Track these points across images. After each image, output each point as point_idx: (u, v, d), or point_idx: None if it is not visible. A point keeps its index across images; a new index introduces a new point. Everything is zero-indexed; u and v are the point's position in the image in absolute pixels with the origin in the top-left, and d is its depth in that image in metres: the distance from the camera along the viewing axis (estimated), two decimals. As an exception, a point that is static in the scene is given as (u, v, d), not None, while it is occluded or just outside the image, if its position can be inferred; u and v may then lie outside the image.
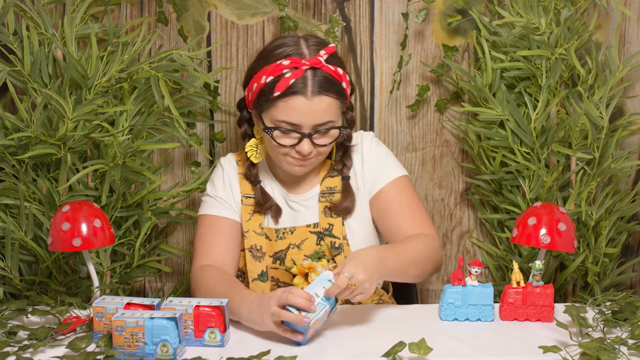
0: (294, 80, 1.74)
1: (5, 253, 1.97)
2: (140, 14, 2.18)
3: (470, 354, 1.52)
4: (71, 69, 1.93)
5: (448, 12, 2.16)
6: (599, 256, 2.11)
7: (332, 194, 1.88)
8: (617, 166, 2.06)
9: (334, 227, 1.86)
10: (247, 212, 1.89)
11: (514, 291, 1.69)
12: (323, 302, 1.56)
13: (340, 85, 1.78)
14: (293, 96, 1.74)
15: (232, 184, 1.92)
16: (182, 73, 2.13)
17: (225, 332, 1.57)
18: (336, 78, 1.77)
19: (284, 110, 1.75)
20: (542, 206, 1.74)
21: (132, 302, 1.57)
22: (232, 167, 1.94)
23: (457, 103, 2.19)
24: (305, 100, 1.74)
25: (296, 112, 1.75)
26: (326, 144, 1.80)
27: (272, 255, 1.88)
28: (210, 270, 1.81)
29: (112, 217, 2.05)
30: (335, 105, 1.78)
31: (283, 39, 1.82)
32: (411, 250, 1.77)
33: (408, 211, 1.87)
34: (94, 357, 1.44)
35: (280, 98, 1.75)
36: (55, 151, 1.92)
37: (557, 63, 2.00)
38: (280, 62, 1.76)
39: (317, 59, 1.76)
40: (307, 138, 1.77)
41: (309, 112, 1.75)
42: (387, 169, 1.89)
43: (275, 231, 1.89)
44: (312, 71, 1.75)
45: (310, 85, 1.74)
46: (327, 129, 1.77)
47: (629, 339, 1.53)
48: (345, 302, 1.84)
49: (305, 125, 1.76)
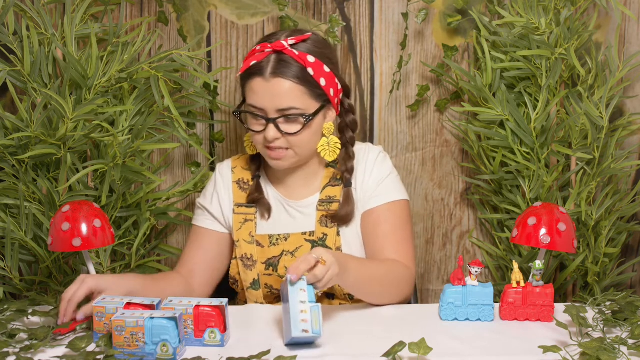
0: (255, 62, 1.77)
1: (5, 253, 1.97)
2: (140, 14, 2.18)
3: (470, 354, 1.52)
4: (71, 69, 1.93)
5: (448, 12, 2.16)
6: (599, 256, 2.11)
7: (330, 203, 1.86)
8: (617, 166, 2.06)
9: (328, 237, 1.84)
10: (238, 222, 1.89)
11: (514, 291, 1.70)
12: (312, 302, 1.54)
13: (305, 71, 1.76)
14: (252, 78, 1.77)
15: (223, 195, 1.92)
16: (182, 73, 2.13)
17: (225, 332, 1.57)
18: (300, 62, 1.76)
19: (248, 93, 1.79)
20: (542, 206, 1.74)
21: (132, 302, 1.57)
22: (226, 176, 1.94)
23: (457, 103, 2.19)
24: (263, 82, 1.76)
25: (256, 94, 1.77)
26: (294, 133, 1.77)
27: (264, 262, 1.86)
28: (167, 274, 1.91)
29: (112, 217, 2.05)
30: (298, 91, 1.76)
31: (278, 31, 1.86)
32: (378, 268, 1.75)
33: (393, 237, 1.83)
34: (94, 357, 1.44)
35: (244, 80, 1.79)
36: (55, 151, 1.92)
37: (557, 63, 2.00)
38: (254, 48, 1.80)
39: (281, 43, 1.77)
40: (271, 123, 1.77)
41: (268, 95, 1.75)
42: (386, 190, 1.87)
43: (268, 237, 1.87)
44: (276, 55, 1.76)
45: (269, 68, 1.75)
46: (292, 115, 1.77)
47: (629, 339, 1.53)
48: (346, 302, 1.84)
49: (268, 109, 1.76)
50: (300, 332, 1.50)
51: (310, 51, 1.79)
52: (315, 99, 1.79)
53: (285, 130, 1.77)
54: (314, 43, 1.81)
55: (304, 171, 1.89)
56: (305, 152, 1.83)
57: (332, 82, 1.81)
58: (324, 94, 1.80)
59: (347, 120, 1.90)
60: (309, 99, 1.78)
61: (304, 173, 1.89)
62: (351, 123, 1.90)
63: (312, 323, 1.52)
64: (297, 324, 1.51)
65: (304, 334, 1.50)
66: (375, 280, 1.73)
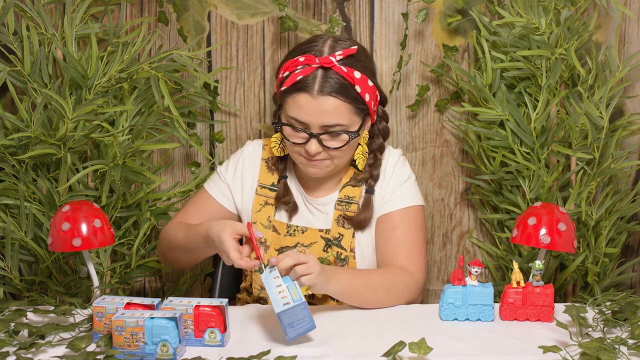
0: (302, 77, 1.74)
1: (5, 253, 1.97)
2: (140, 14, 2.18)
3: (470, 354, 1.52)
4: (71, 69, 1.93)
5: (448, 12, 2.16)
6: (599, 256, 2.11)
7: (349, 204, 1.87)
8: (617, 166, 2.06)
9: (344, 238, 1.86)
10: (258, 203, 1.89)
11: (514, 291, 1.70)
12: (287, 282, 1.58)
13: (353, 89, 1.76)
14: (298, 93, 1.74)
15: (247, 173, 1.92)
16: (182, 73, 2.13)
17: (225, 332, 1.57)
18: (348, 80, 1.75)
19: (291, 106, 1.76)
20: (542, 206, 1.74)
21: (132, 302, 1.57)
22: (255, 152, 1.94)
23: (457, 103, 2.19)
24: (310, 99, 1.74)
25: (301, 109, 1.75)
26: (337, 147, 1.77)
27: (277, 249, 1.88)
28: (172, 224, 1.92)
29: (112, 217, 2.05)
30: (344, 109, 1.75)
31: (316, 37, 1.83)
32: (373, 278, 1.76)
33: (405, 245, 1.84)
34: (94, 357, 1.44)
35: (289, 94, 1.76)
36: (55, 151, 1.92)
37: (557, 63, 2.00)
38: (297, 58, 1.77)
39: (329, 59, 1.75)
40: (315, 138, 1.76)
41: (315, 112, 1.74)
42: (403, 195, 1.88)
43: (286, 226, 1.89)
44: (323, 71, 1.74)
45: (317, 84, 1.73)
46: (336, 132, 1.76)
47: (629, 339, 1.53)
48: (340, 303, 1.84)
49: (312, 124, 1.75)
50: (282, 307, 1.53)
51: (356, 67, 1.77)
52: (358, 114, 1.80)
53: (328, 145, 1.77)
54: (360, 57, 1.80)
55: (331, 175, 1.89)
56: (343, 162, 1.84)
57: (374, 95, 1.82)
58: (367, 108, 1.81)
59: (380, 127, 1.90)
60: (354, 115, 1.78)
61: (330, 176, 1.90)
62: (383, 130, 1.91)
63: (291, 296, 1.55)
64: (278, 302, 1.54)
65: (286, 306, 1.53)
66: (369, 289, 1.73)
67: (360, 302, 1.75)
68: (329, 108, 1.74)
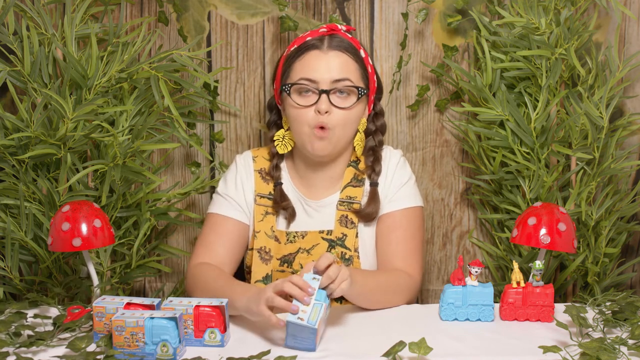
0: (311, 37, 1.82)
1: (5, 253, 1.96)
2: (140, 14, 2.18)
3: (470, 354, 1.52)
4: (71, 69, 1.93)
5: (448, 12, 2.16)
6: (599, 256, 2.11)
7: (351, 204, 1.88)
8: (617, 166, 2.06)
9: (347, 238, 1.86)
10: (260, 213, 1.89)
11: (514, 291, 1.70)
12: (318, 301, 1.55)
13: (359, 53, 1.83)
14: (306, 52, 1.81)
15: (245, 183, 1.92)
16: (182, 73, 2.13)
17: (225, 332, 1.57)
18: (354, 44, 1.83)
19: (300, 67, 1.81)
20: (542, 206, 1.74)
21: (132, 302, 1.57)
22: (247, 165, 1.94)
23: (457, 103, 2.19)
24: (320, 54, 1.80)
25: (311, 65, 1.80)
26: (345, 107, 1.80)
27: (279, 258, 1.87)
28: (208, 266, 1.81)
29: (112, 217, 2.05)
30: (352, 65, 1.82)
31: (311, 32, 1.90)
32: (382, 279, 1.77)
33: (404, 247, 1.85)
34: (94, 357, 1.44)
35: (298, 57, 1.82)
36: (55, 151, 1.92)
37: (557, 63, 2.00)
38: (302, 36, 1.86)
39: (335, 25, 1.85)
40: (325, 94, 1.78)
41: (325, 66, 1.79)
42: (404, 196, 1.89)
43: (286, 234, 1.89)
44: (330, 35, 1.83)
45: (326, 41, 1.82)
46: (345, 87, 1.79)
47: (629, 339, 1.53)
48: (344, 303, 1.84)
49: (322, 80, 1.79)
50: (295, 319, 1.51)
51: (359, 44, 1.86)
52: (363, 81, 1.84)
53: (336, 104, 1.80)
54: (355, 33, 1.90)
55: (329, 171, 1.90)
56: (343, 139, 1.84)
57: (373, 76, 1.88)
58: (368, 83, 1.86)
59: (378, 124, 1.94)
60: (360, 78, 1.83)
61: (329, 173, 1.90)
62: (381, 126, 1.95)
63: (310, 315, 1.52)
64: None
65: (297, 320, 1.51)
66: (380, 289, 1.75)
67: (371, 303, 1.75)
68: (339, 62, 1.80)
